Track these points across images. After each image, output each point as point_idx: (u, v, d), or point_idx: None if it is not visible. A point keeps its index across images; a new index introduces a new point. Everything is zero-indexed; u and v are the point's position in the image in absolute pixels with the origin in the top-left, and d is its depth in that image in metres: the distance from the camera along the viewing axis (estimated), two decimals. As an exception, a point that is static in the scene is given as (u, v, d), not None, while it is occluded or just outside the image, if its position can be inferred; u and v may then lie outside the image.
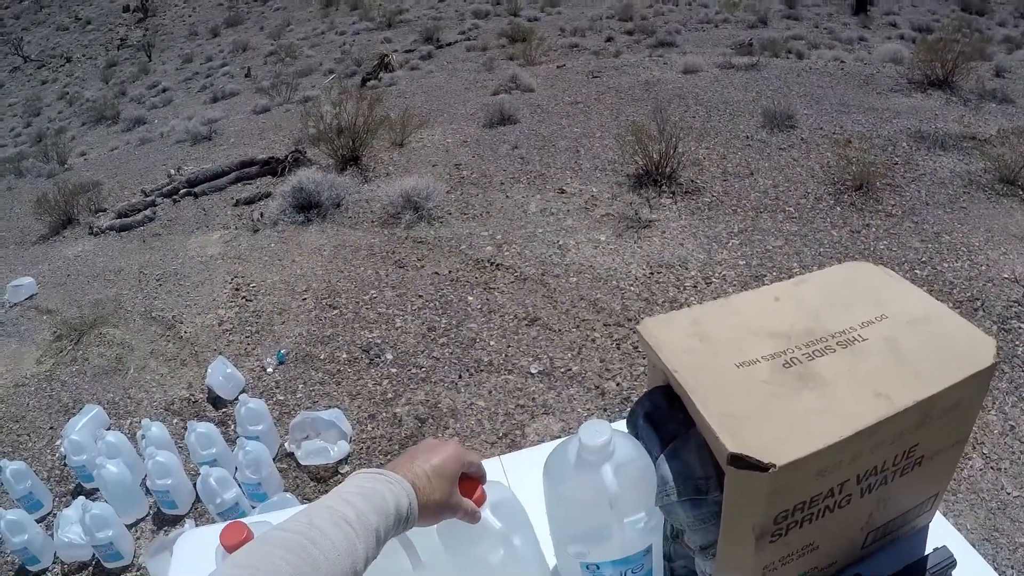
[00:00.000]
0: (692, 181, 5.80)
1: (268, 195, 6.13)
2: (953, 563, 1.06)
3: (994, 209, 5.09)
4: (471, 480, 0.96)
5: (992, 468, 3.00)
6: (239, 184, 6.60)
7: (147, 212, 6.22)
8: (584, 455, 0.88)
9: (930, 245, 4.63)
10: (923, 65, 8.12)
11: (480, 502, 0.95)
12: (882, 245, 4.70)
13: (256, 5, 28.19)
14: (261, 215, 5.74)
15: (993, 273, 4.27)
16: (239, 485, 2.85)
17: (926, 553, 1.09)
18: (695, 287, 4.38)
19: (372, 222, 5.55)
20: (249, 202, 6.09)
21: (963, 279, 4.25)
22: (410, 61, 14.71)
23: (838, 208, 5.20)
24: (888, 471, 0.92)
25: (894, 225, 4.91)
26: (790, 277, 1.17)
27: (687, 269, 4.56)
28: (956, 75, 7.84)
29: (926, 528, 1.13)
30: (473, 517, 0.94)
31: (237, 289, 4.67)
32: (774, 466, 0.76)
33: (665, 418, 0.97)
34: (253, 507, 2.84)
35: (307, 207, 5.72)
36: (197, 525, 2.72)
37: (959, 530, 1.25)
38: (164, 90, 18.46)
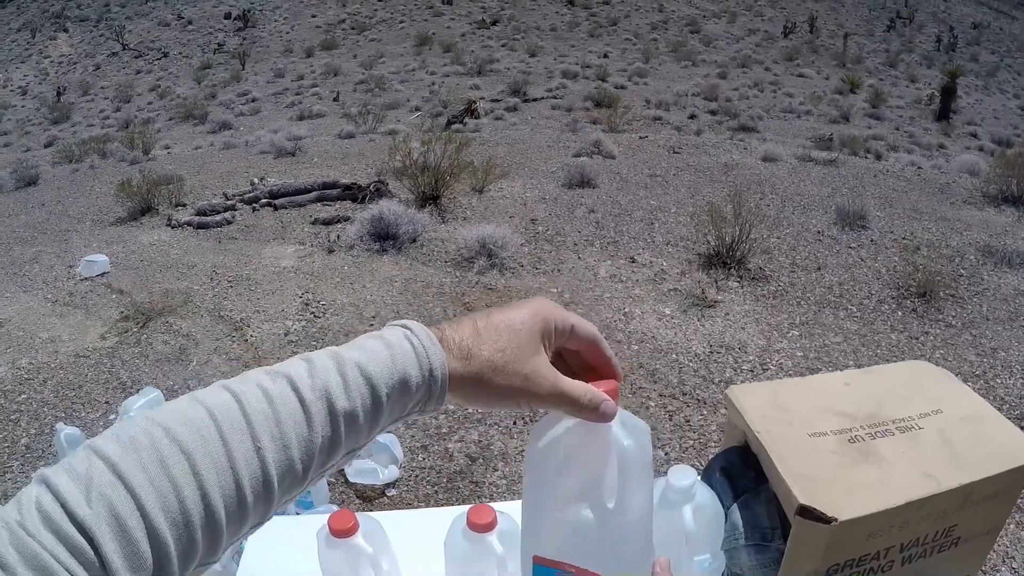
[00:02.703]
0: (760, 268, 5.87)
1: (346, 219, 6.37)
2: None
3: (1053, 334, 5.08)
4: (594, 371, 0.69)
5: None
6: (319, 204, 6.87)
7: (226, 215, 6.51)
8: (669, 495, 1.01)
9: (985, 359, 4.63)
10: (999, 179, 8.12)
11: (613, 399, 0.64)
12: (938, 354, 4.71)
13: (352, 33, 29.21)
14: (338, 237, 5.97)
15: (1047, 395, 4.27)
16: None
17: None
18: (751, 371, 4.44)
19: (445, 262, 5.73)
20: (327, 223, 6.34)
21: (1015, 396, 4.25)
22: (495, 111, 15.12)
23: (899, 312, 5.23)
24: (928, 545, 1.05)
25: (952, 336, 4.92)
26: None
27: (746, 353, 4.62)
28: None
29: None
30: (598, 414, 0.63)
31: (307, 304, 4.87)
32: (836, 520, 0.91)
33: (738, 474, 1.12)
34: (298, 513, 2.95)
35: (384, 237, 5.94)
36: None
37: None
38: (253, 100, 19.20)
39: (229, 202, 6.77)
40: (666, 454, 3.64)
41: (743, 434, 1.14)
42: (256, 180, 7.40)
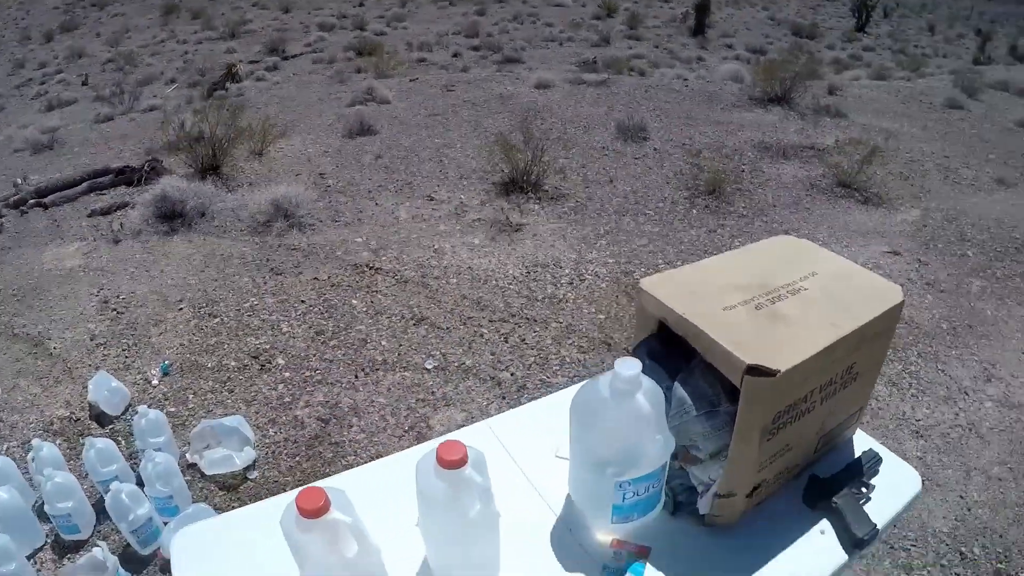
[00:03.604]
0: (556, 188, 6.08)
1: (125, 205, 5.85)
2: (880, 460, 1.40)
3: (834, 209, 5.70)
4: None
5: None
6: (92, 194, 6.26)
7: (-8, 224, 5.79)
8: (620, 386, 1.07)
9: (779, 241, 5.09)
10: (762, 83, 8.84)
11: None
12: (737, 243, 5.14)
13: (93, 10, 26.45)
14: (121, 225, 5.48)
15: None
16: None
17: (857, 455, 1.42)
18: (571, 283, 4.62)
19: (241, 231, 5.44)
20: (105, 212, 5.80)
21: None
22: (255, 72, 14.35)
23: (694, 211, 5.62)
24: (837, 383, 1.23)
25: (746, 224, 5.38)
26: (658, 271, 1.47)
27: (561, 268, 4.80)
28: (793, 92, 8.59)
29: (851, 439, 1.49)
30: None
31: (105, 302, 4.46)
32: (779, 371, 1.04)
33: (664, 356, 1.22)
34: (165, 523, 2.75)
35: (171, 216, 5.52)
36: (103, 549, 2.59)
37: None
38: (-7, 96, 17.02)
39: (-6, 210, 6.02)
40: (512, 374, 3.73)
41: (656, 322, 1.25)
42: (19, 180, 6.59)
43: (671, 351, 1.21)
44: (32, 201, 6.01)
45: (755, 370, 1.03)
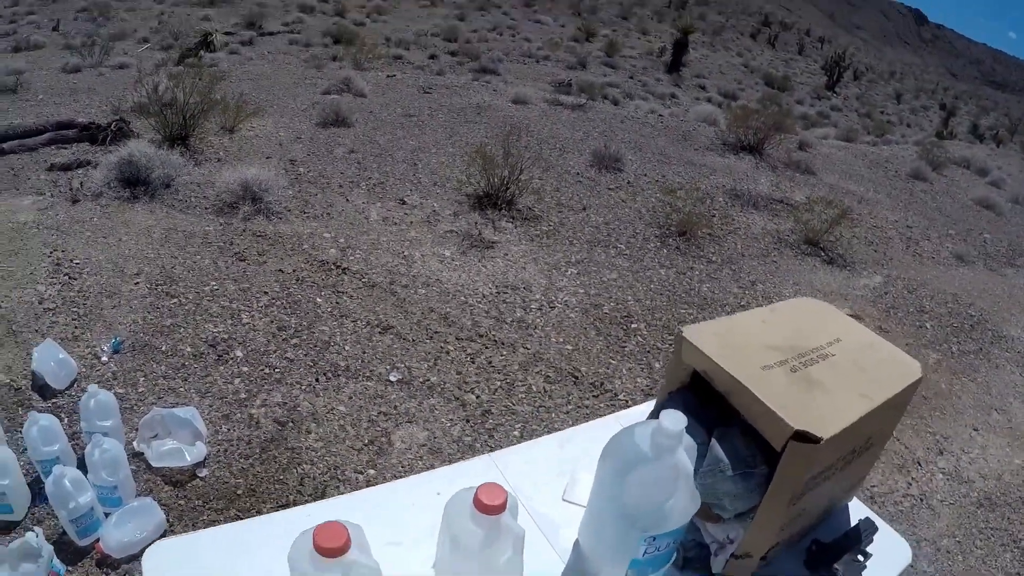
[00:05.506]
0: (530, 208, 6.06)
1: (88, 163, 5.63)
2: (876, 528, 1.41)
3: (800, 265, 5.79)
4: None
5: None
6: (53, 147, 6.01)
7: (-63, 167, 5.52)
8: (663, 440, 1.04)
9: (747, 291, 5.19)
10: (736, 130, 8.97)
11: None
12: (705, 288, 5.18)
13: (71, -46, 25.75)
14: (81, 184, 5.27)
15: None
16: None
17: (853, 524, 1.43)
18: (540, 309, 4.60)
19: (206, 208, 5.27)
20: (65, 168, 5.56)
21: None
22: (230, 44, 14.09)
23: (664, 250, 5.65)
24: (856, 452, 1.26)
25: (715, 271, 5.43)
26: (626, 309, 1.48)
27: (531, 292, 4.77)
28: (766, 143, 8.74)
29: (847, 506, 1.53)
30: None
31: (58, 264, 4.25)
32: (822, 439, 1.05)
33: (698, 411, 1.21)
34: (107, 514, 2.60)
35: (134, 183, 5.32)
36: (38, 535, 2.43)
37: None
38: (-41, 33, 16.35)
39: (-56, 152, 5.72)
40: (477, 397, 3.67)
41: (690, 373, 1.26)
42: (-25, 122, 6.32)
43: (706, 405, 1.22)
44: (-11, 146, 5.74)
45: (801, 436, 1.06)
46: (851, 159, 10.31)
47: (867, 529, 1.39)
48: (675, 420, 1.04)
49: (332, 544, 0.90)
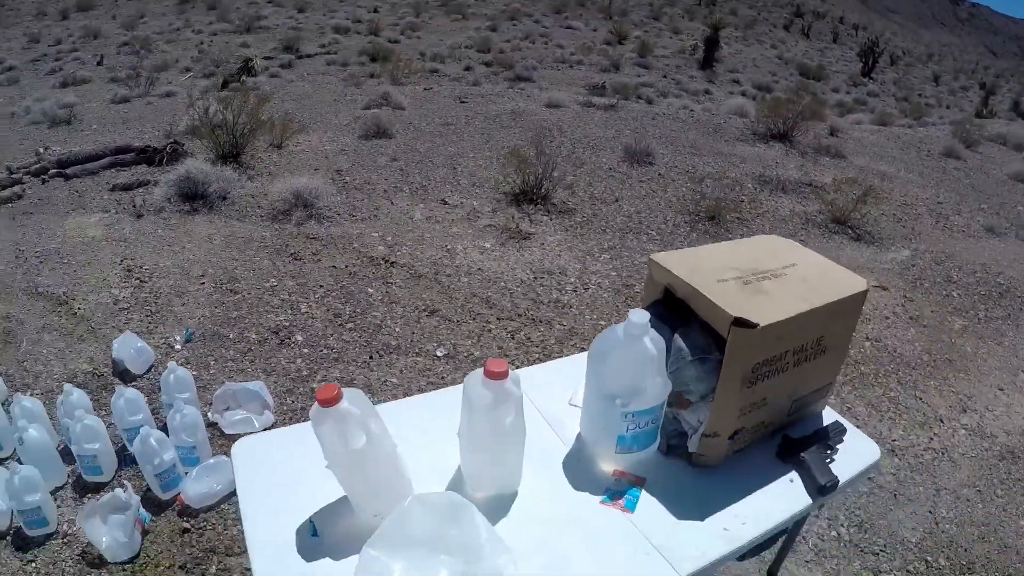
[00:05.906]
0: (564, 203, 6.34)
1: (147, 183, 6.09)
2: (845, 430, 1.67)
3: (827, 243, 5.98)
4: None
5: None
6: (113, 170, 6.50)
7: (15, 189, 5.99)
8: (632, 330, 1.34)
9: (774, 270, 5.34)
10: (766, 120, 9.14)
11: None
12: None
13: (110, -8, 26.83)
14: (144, 201, 5.73)
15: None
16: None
17: (825, 424, 1.69)
18: (575, 291, 4.87)
19: (261, 217, 5.68)
20: (127, 188, 6.03)
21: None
22: (270, 68, 14.66)
23: (694, 234, 5.90)
24: (808, 351, 1.50)
25: (742, 252, 5.61)
26: None
27: (566, 276, 5.05)
28: (796, 131, 8.91)
29: (821, 413, 1.77)
30: None
31: (129, 271, 4.68)
32: (759, 324, 1.32)
33: (667, 316, 1.50)
34: (186, 472, 2.96)
35: (193, 197, 5.76)
36: (126, 488, 2.78)
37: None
38: (10, 68, 17.22)
39: (15, 176, 6.22)
40: (517, 368, 3.95)
41: (662, 290, 1.54)
42: (41, 150, 6.82)
43: (673, 313, 1.48)
44: (54, 171, 6.23)
45: (739, 322, 1.30)
46: (883, 141, 10.37)
47: (835, 430, 1.63)
48: (640, 315, 1.33)
49: (325, 396, 1.24)
